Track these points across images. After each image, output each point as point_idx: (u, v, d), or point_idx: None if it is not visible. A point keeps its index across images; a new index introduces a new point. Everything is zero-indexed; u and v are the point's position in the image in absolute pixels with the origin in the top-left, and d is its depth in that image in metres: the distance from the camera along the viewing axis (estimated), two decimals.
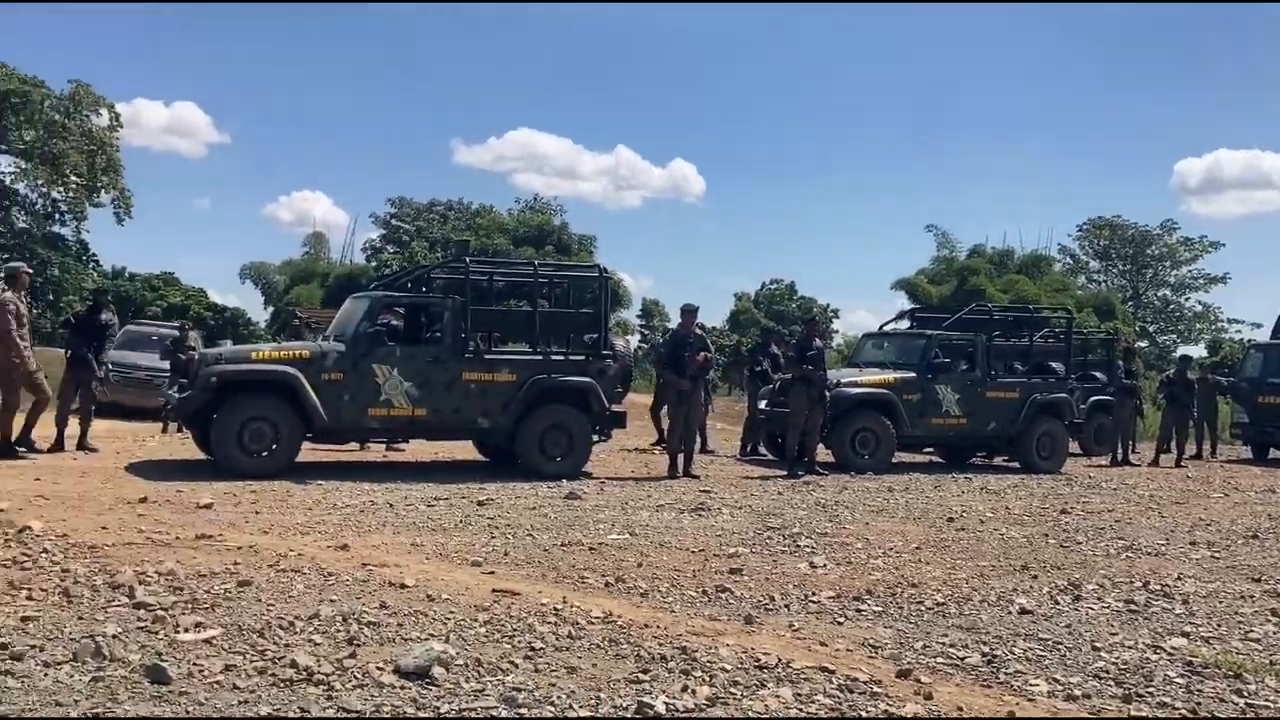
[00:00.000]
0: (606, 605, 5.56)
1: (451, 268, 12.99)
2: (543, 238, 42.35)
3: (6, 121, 38.27)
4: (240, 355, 11.17)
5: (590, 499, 9.57)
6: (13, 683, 3.92)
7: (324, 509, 8.51)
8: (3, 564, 5.86)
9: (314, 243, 56.23)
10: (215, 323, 39.55)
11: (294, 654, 4.35)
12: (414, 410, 10.79)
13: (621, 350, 11.93)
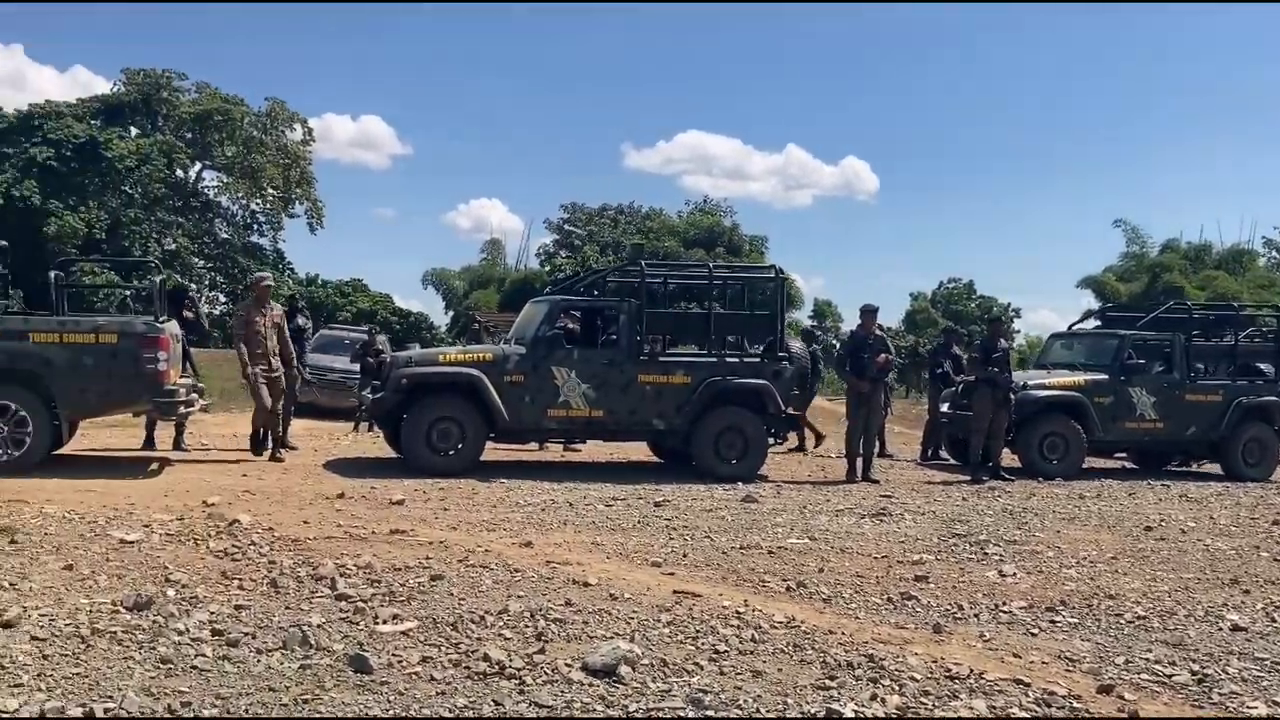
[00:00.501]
0: (789, 610, 5.51)
1: (627, 271, 13.13)
2: (713, 239, 42.38)
3: (210, 139, 40.89)
4: (428, 358, 11.59)
5: (767, 502, 9.51)
6: (230, 668, 4.16)
7: (507, 507, 8.73)
8: (216, 555, 6.25)
9: (491, 248, 57.87)
10: (400, 327, 41.05)
11: (486, 648, 4.47)
12: (591, 411, 10.96)
13: (797, 352, 11.80)
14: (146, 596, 5.00)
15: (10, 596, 5.06)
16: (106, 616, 4.76)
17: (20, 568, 5.68)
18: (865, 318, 11.89)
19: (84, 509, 7.47)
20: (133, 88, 40.52)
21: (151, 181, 38.26)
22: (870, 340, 11.71)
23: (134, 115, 40.55)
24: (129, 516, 7.27)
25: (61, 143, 36.01)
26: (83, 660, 4.16)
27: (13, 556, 5.93)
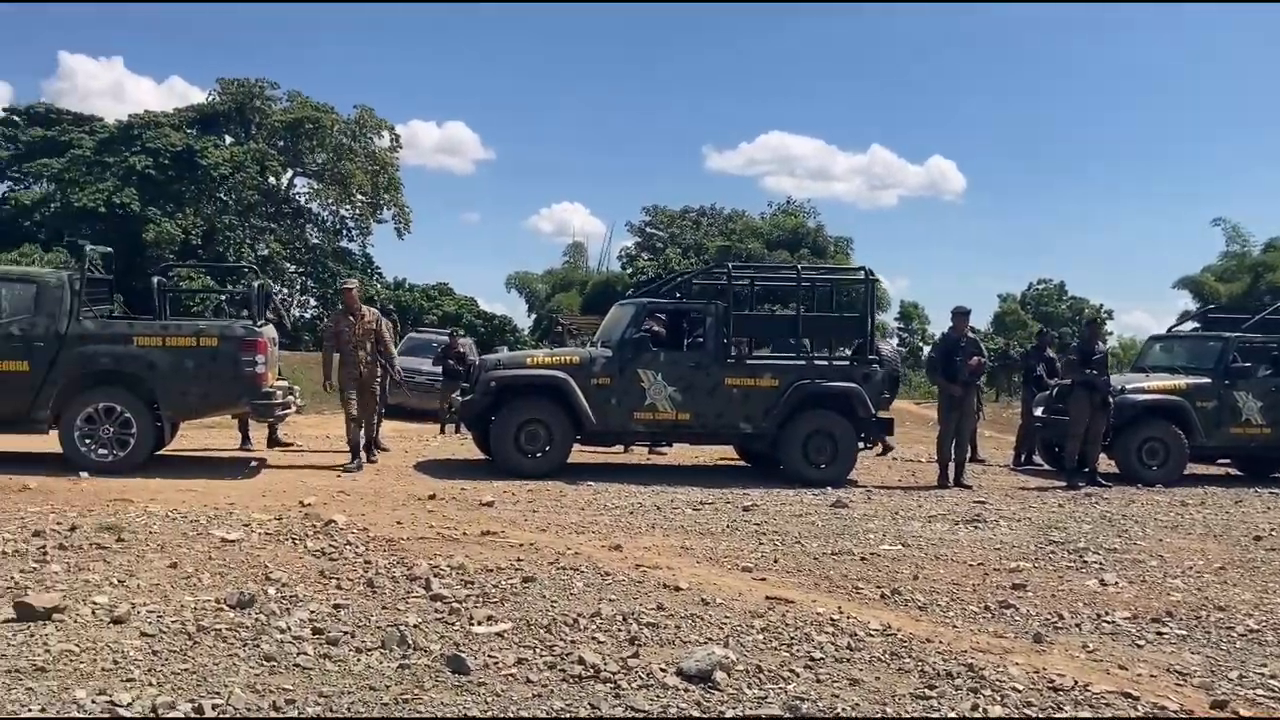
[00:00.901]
0: (884, 617, 5.43)
1: (713, 273, 13.09)
2: (798, 241, 42.07)
3: (301, 146, 41.80)
4: (516, 361, 11.69)
5: (858, 507, 9.39)
6: (331, 666, 4.23)
7: (595, 509, 8.75)
8: (313, 554, 6.36)
9: (573, 252, 58.27)
10: (484, 330, 41.53)
11: (581, 650, 4.48)
12: (678, 414, 10.94)
13: (888, 355, 11.63)
14: (249, 595, 5.11)
15: (120, 593, 5.21)
16: (211, 614, 4.88)
17: (128, 565, 5.85)
18: (957, 320, 11.69)
19: (186, 508, 7.67)
20: (227, 97, 41.62)
21: (245, 189, 39.28)
22: (963, 343, 11.50)
23: (228, 124, 41.64)
24: (229, 516, 7.45)
25: (159, 152, 37.14)
26: (190, 656, 4.26)
27: (120, 554, 6.12)
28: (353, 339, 10.88)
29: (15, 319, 9.35)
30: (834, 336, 12.04)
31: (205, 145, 38.19)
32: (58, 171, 38.63)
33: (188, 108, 41.99)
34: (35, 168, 41.02)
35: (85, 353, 9.36)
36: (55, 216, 37.33)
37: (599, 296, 40.89)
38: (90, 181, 36.77)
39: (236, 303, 15.05)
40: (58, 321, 9.36)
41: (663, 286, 13.96)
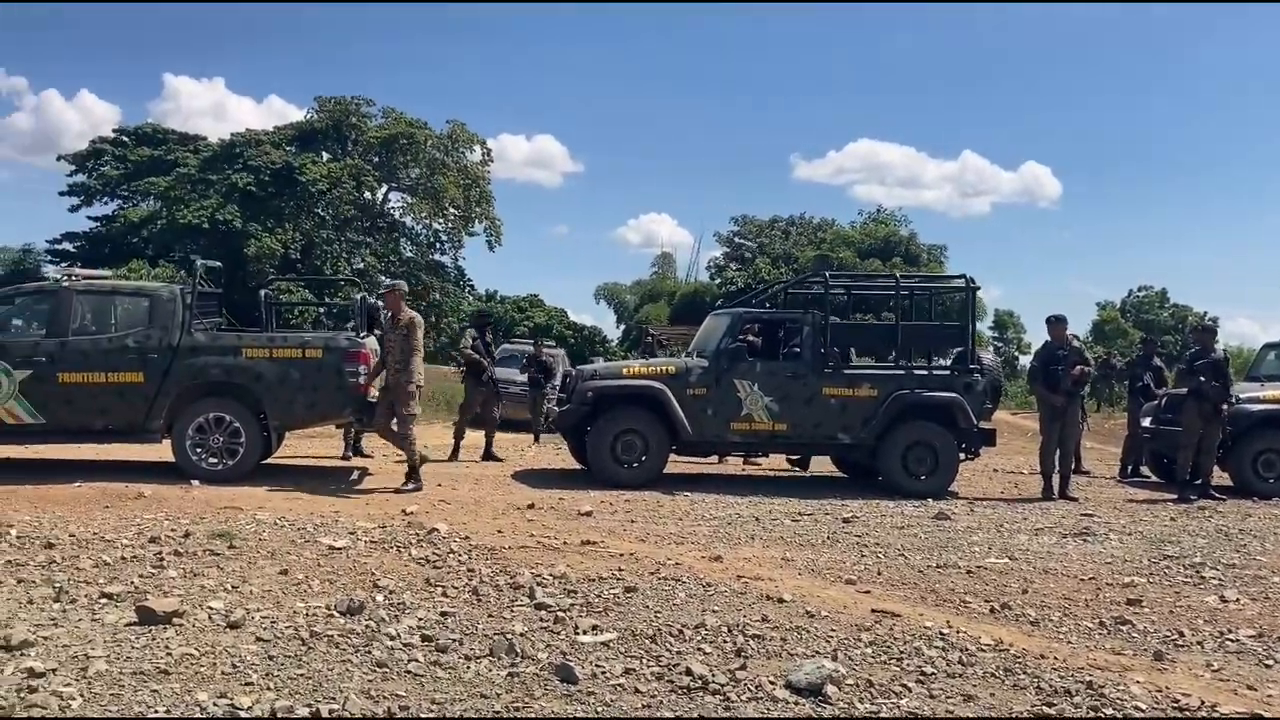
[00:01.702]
0: (995, 632, 5.29)
1: (809, 282, 12.98)
2: (890, 249, 41.57)
3: (396, 161, 42.71)
4: (612, 371, 11.71)
5: (961, 519, 9.20)
6: (442, 673, 4.26)
7: (693, 520, 8.72)
8: (418, 562, 6.44)
9: (661, 262, 58.58)
10: (574, 341, 41.89)
11: (688, 662, 4.44)
12: (774, 425, 10.84)
13: (989, 364, 11.38)
14: (358, 601, 5.18)
15: (234, 599, 5.33)
16: (322, 620, 4.96)
17: (240, 571, 5.99)
18: (1054, 327, 11.36)
19: (293, 516, 7.83)
20: (324, 115, 42.72)
21: (342, 204, 40.24)
22: (1064, 351, 11.19)
23: (325, 141, 42.74)
24: (335, 524, 7.59)
25: (260, 169, 38.29)
26: (305, 662, 4.34)
27: (232, 560, 6.26)
28: (386, 345, 10.03)
29: (131, 332, 9.67)
30: (934, 345, 11.82)
31: (303, 162, 39.24)
32: (164, 189, 40.08)
33: (287, 126, 43.22)
34: (143, 186, 42.65)
35: (196, 364, 9.64)
36: (162, 232, 38.70)
37: (687, 307, 40.96)
38: (195, 199, 38.08)
39: (335, 315, 15.39)
40: (170, 334, 9.65)
41: (756, 296, 13.89)
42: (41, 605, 5.10)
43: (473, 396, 12.89)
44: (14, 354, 9.40)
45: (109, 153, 45.99)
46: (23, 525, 7.16)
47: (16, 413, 9.39)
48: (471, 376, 12.95)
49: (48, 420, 9.51)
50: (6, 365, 9.33)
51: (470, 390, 12.94)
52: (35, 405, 9.43)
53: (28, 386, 9.40)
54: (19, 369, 9.36)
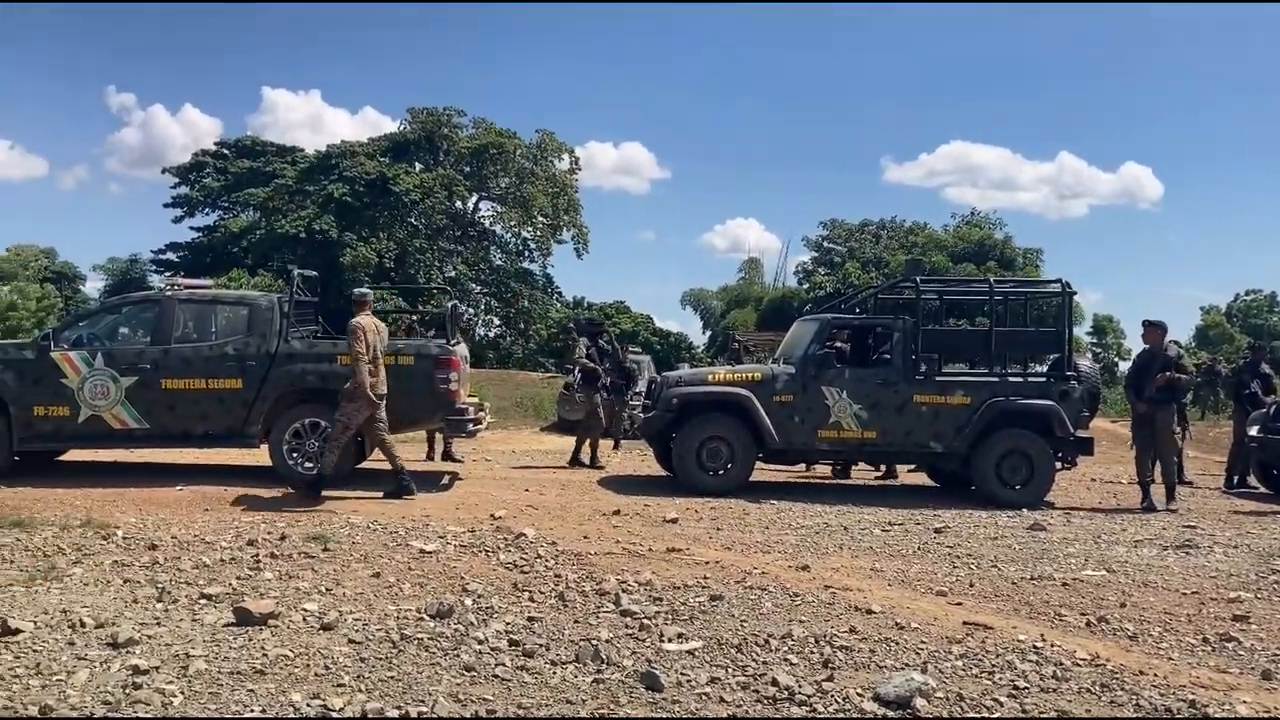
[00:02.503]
0: (1091, 646, 5.14)
1: (899, 287, 12.79)
2: (984, 253, 40.79)
3: (486, 171, 43.28)
4: (698, 378, 11.68)
5: (1056, 530, 8.96)
6: (528, 678, 4.30)
7: (780, 528, 8.65)
8: (506, 567, 6.50)
9: (748, 268, 58.29)
10: (660, 347, 41.91)
11: (774, 672, 4.41)
12: (864, 433, 10.69)
13: (1086, 371, 11.07)
14: (448, 605, 5.25)
15: (328, 601, 5.45)
16: (413, 623, 5.04)
17: (334, 574, 6.12)
18: (1149, 332, 10.96)
19: (385, 520, 7.98)
20: (416, 125, 43.50)
21: (434, 213, 40.93)
22: (1156, 357, 10.80)
23: (418, 151, 43.52)
24: (425, 528, 7.70)
25: (355, 179, 39.15)
26: (395, 664, 4.41)
27: (326, 563, 6.40)
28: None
29: (230, 339, 9.95)
30: (1029, 351, 11.56)
31: (397, 172, 40.00)
32: (262, 200, 41.24)
33: (380, 137, 44.12)
34: (243, 197, 43.95)
35: (293, 371, 9.86)
36: (261, 242, 39.78)
37: (775, 313, 40.72)
38: (292, 209, 39.10)
39: (427, 322, 15.63)
40: (268, 342, 9.90)
41: (845, 301, 13.72)
42: (145, 605, 5.28)
43: (594, 405, 12.95)
44: (120, 361, 9.74)
45: (210, 165, 47.48)
46: (128, 527, 7.42)
47: (123, 418, 9.73)
48: (587, 384, 13.02)
49: (151, 425, 9.82)
50: (113, 372, 9.67)
51: (588, 398, 13.02)
52: (140, 411, 9.76)
53: (133, 392, 9.73)
54: (125, 376, 9.70)
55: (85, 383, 9.65)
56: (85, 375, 9.66)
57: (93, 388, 9.66)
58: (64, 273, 49.74)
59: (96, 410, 9.68)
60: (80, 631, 4.72)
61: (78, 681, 4.04)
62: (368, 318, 9.29)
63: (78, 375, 9.65)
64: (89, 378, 9.66)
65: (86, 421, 9.70)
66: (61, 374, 9.64)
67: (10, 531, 7.10)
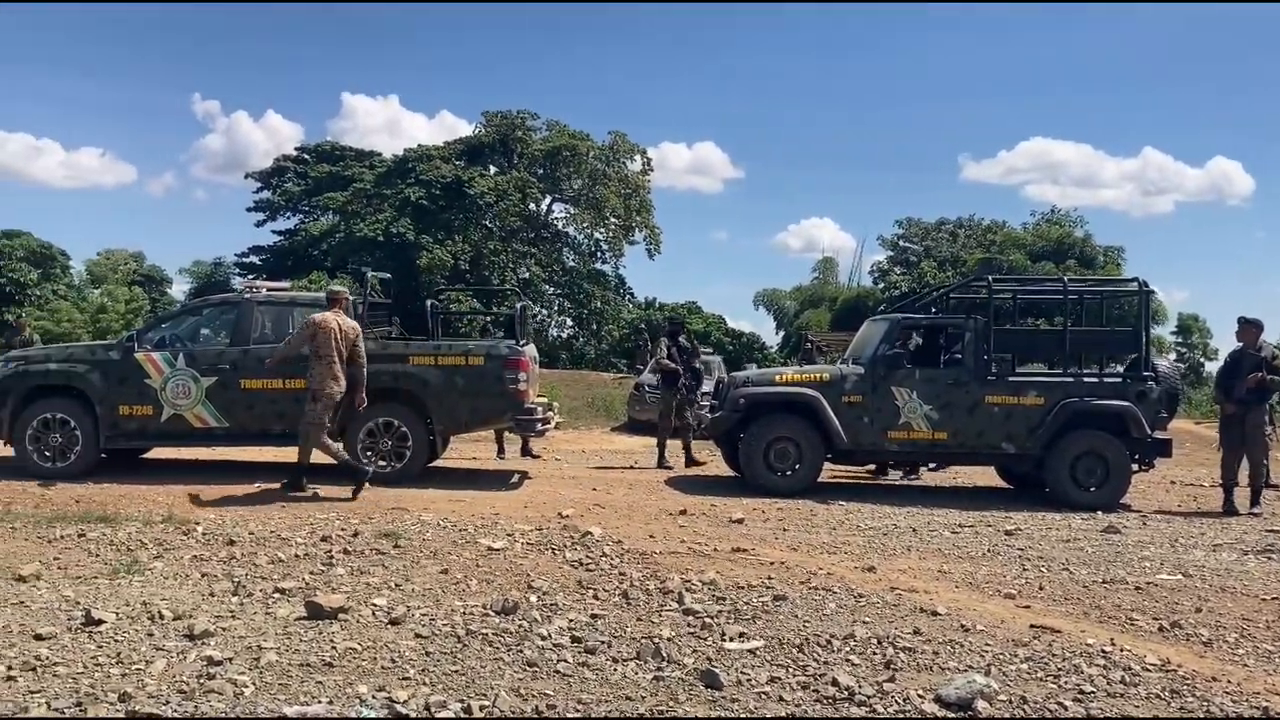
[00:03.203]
0: (1162, 651, 5.05)
1: (972, 286, 12.62)
2: (1063, 252, 39.97)
3: (559, 173, 43.58)
4: (765, 378, 11.66)
5: (1132, 533, 8.79)
6: (589, 674, 4.35)
7: (847, 530, 8.60)
8: (571, 565, 6.57)
9: (823, 267, 57.82)
10: (733, 347, 41.81)
11: (834, 672, 4.41)
12: (934, 434, 10.58)
13: (1165, 371, 10.82)
14: (512, 601, 5.34)
15: (397, 596, 5.57)
16: (478, 618, 5.13)
17: (403, 570, 6.25)
18: (1244, 331, 10.68)
19: (455, 517, 8.11)
20: (491, 129, 43.98)
21: (508, 215, 41.32)
22: (1248, 357, 10.51)
23: (492, 154, 44.00)
24: (494, 526, 7.82)
25: (431, 183, 39.71)
26: (460, 659, 4.50)
27: (397, 559, 6.54)
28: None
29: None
30: (1105, 351, 11.33)
31: (472, 175, 40.51)
32: (342, 204, 42.01)
33: (456, 140, 44.67)
34: (322, 201, 44.87)
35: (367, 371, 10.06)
36: (340, 246, 40.55)
37: (849, 313, 40.36)
38: (370, 213, 39.76)
39: (500, 323, 15.83)
40: None
41: (918, 301, 13.58)
42: (221, 598, 5.45)
43: (669, 405, 12.98)
44: (201, 362, 10.03)
45: (291, 170, 48.59)
46: (208, 523, 7.65)
47: (204, 417, 10.02)
48: (666, 385, 13.06)
49: (230, 424, 10.10)
50: (194, 372, 9.96)
51: (666, 399, 13.05)
52: (219, 410, 10.04)
53: (213, 392, 10.01)
54: (205, 376, 9.99)
55: (167, 383, 9.96)
56: (167, 375, 9.96)
57: (174, 387, 9.96)
58: (151, 276, 51.14)
59: (178, 409, 9.98)
60: (159, 623, 4.89)
61: (155, 671, 4.19)
62: (336, 316, 9.30)
63: (160, 375, 9.96)
64: (171, 378, 9.96)
65: (169, 420, 10.01)
66: (145, 374, 9.96)
67: (96, 526, 7.37)
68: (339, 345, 9.16)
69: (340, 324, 9.24)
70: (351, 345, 9.32)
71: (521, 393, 10.10)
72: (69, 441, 9.90)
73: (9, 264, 37.08)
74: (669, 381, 12.97)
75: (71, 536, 7.03)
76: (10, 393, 9.94)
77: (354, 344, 9.35)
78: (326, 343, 9.10)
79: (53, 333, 29.81)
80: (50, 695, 3.92)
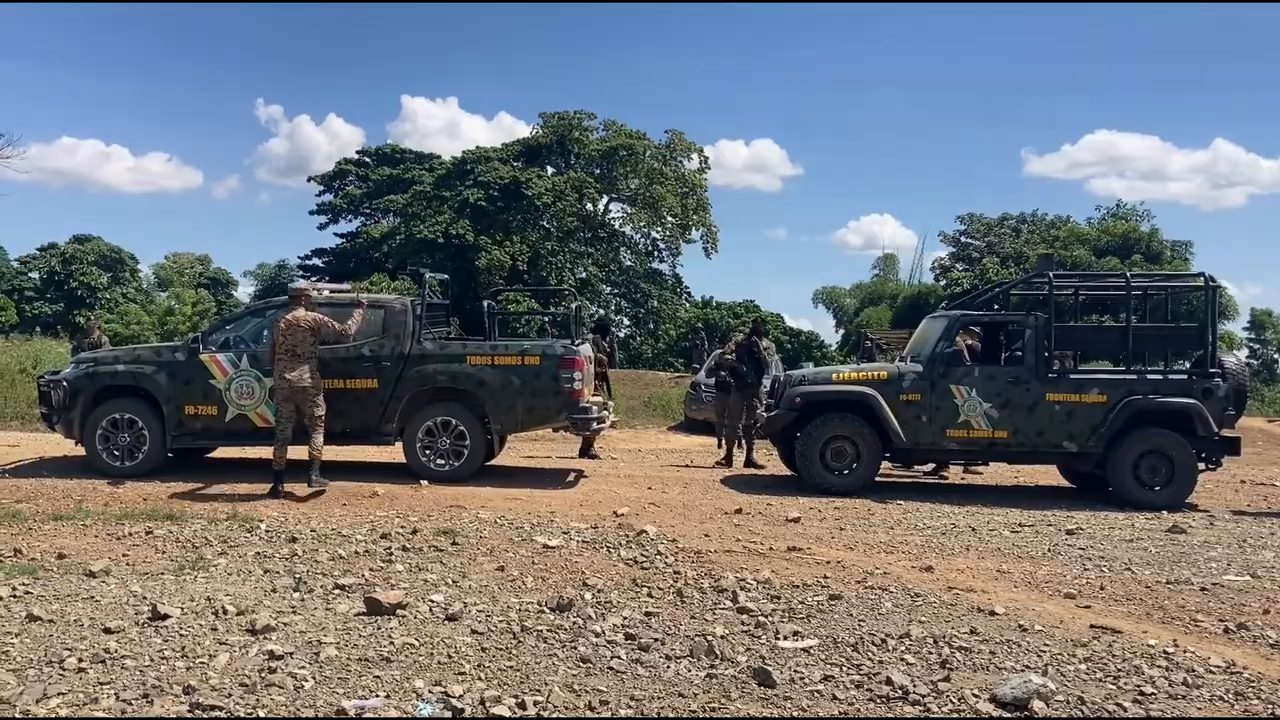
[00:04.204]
0: (1227, 653, 4.96)
1: (1033, 283, 12.44)
2: (1129, 247, 39.16)
3: (616, 172, 43.64)
4: (821, 376, 11.60)
5: (1198, 533, 8.61)
6: (642, 671, 4.38)
7: (905, 529, 8.54)
8: (626, 563, 6.61)
9: (883, 264, 57.31)
10: (791, 346, 41.57)
11: (889, 671, 4.39)
12: (994, 432, 10.45)
13: (1233, 368, 10.58)
14: (567, 599, 5.39)
15: (454, 593, 5.65)
16: (533, 615, 5.18)
17: (461, 567, 6.32)
18: None
19: (512, 515, 8.19)
20: (548, 130, 44.16)
21: (565, 216, 41.47)
22: None
23: (550, 155, 44.17)
24: (550, 524, 7.88)
25: (489, 184, 39.98)
26: (515, 655, 4.55)
27: (454, 556, 6.62)
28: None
29: (367, 341, 10.32)
30: (1170, 348, 11.12)
31: (530, 176, 40.70)
32: (402, 206, 42.48)
33: (514, 142, 44.92)
34: (383, 203, 45.41)
35: (425, 371, 10.19)
36: (400, 247, 40.99)
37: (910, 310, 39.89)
38: (430, 214, 40.14)
39: (558, 323, 15.92)
40: (402, 343, 10.24)
41: (978, 298, 13.42)
42: (283, 594, 5.56)
43: (738, 405, 13.04)
44: (265, 362, 10.21)
45: (353, 173, 49.22)
46: (271, 520, 7.81)
47: (267, 416, 10.18)
48: (737, 385, 13.10)
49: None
50: (258, 373, 10.14)
51: (736, 399, 13.10)
52: None
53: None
54: (268, 377, 10.16)
55: (232, 383, 10.16)
56: (232, 376, 10.16)
57: (239, 388, 10.15)
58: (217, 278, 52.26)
59: (242, 409, 10.16)
60: (222, 618, 5.01)
61: (218, 664, 4.29)
62: (300, 312, 9.47)
63: (225, 376, 10.16)
64: (235, 378, 10.16)
65: (234, 420, 10.21)
66: (210, 375, 10.16)
67: (163, 524, 7.56)
68: (287, 341, 9.37)
69: (296, 319, 9.44)
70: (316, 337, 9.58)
71: (576, 392, 10.15)
72: (137, 441, 10.14)
73: (80, 268, 38.07)
74: (739, 381, 12.98)
75: (139, 533, 7.22)
76: (80, 394, 10.20)
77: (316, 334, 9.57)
78: (306, 341, 9.37)
79: (122, 335, 30.55)
80: (118, 687, 4.03)
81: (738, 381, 13.04)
